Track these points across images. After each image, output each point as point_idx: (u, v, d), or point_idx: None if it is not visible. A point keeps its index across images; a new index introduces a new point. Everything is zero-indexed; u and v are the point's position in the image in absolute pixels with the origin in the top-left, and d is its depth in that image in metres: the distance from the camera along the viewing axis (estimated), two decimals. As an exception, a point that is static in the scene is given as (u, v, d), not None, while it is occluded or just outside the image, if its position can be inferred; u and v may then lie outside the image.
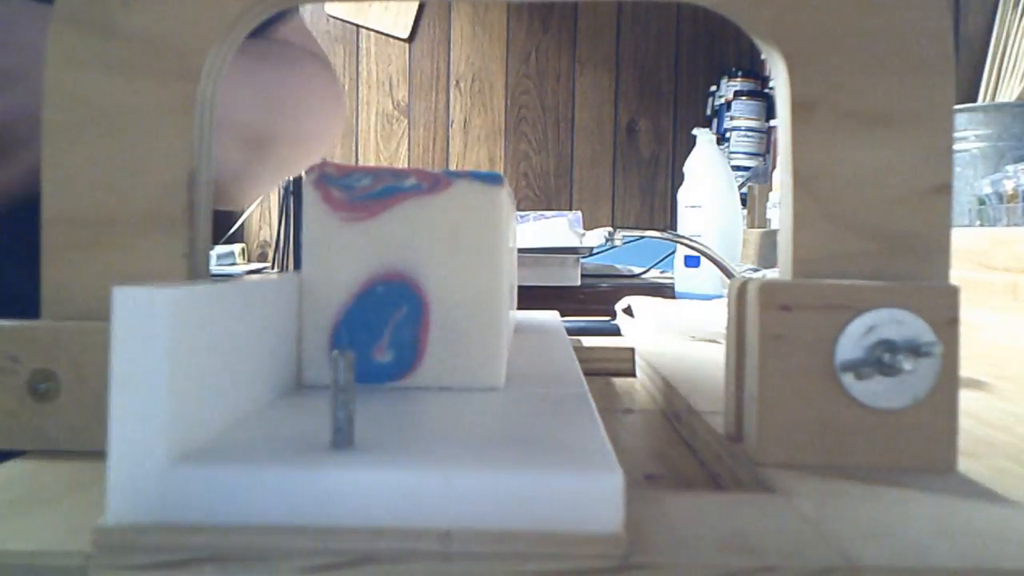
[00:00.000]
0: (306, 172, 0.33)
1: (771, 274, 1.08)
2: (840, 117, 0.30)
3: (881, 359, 0.28)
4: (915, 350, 0.28)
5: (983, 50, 1.24)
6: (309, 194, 0.33)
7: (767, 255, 1.52)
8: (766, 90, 2.04)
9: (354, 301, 0.33)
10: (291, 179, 1.93)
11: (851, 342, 0.29)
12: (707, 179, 1.25)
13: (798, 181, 0.31)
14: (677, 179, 2.00)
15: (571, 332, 0.67)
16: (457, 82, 2.39)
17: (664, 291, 1.22)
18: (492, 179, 0.33)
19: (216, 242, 2.16)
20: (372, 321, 0.33)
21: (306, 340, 0.33)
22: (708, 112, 2.33)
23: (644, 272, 1.51)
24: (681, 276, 1.21)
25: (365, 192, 0.33)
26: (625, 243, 1.14)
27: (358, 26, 2.37)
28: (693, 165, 1.27)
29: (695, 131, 1.29)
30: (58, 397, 0.30)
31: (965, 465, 0.29)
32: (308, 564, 0.20)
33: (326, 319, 0.33)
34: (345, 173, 0.33)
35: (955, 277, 0.30)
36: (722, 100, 2.18)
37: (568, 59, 2.39)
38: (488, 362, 0.33)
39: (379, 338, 0.33)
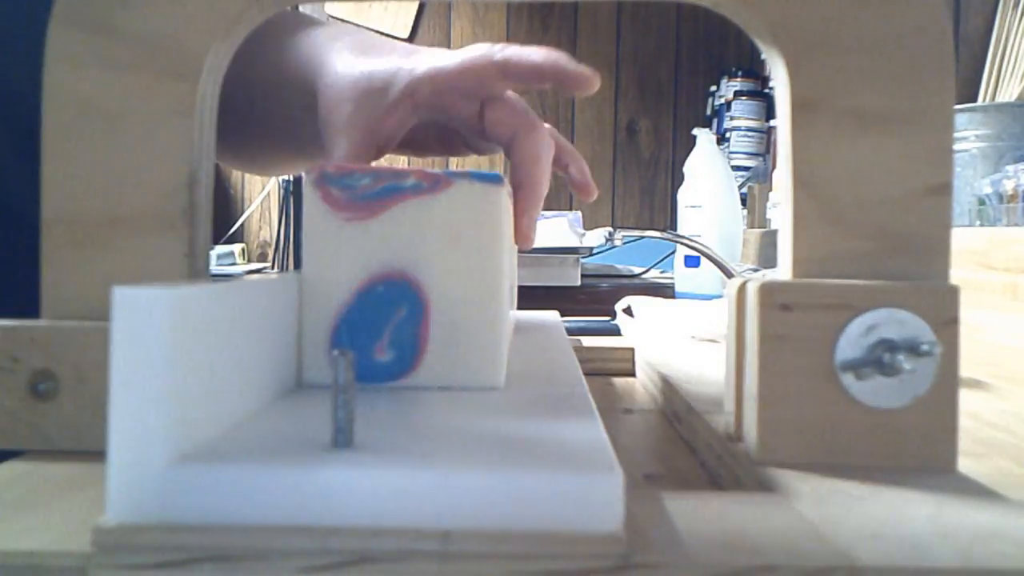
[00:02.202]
0: (306, 172, 0.33)
1: (771, 274, 1.08)
2: (840, 117, 0.30)
3: (881, 359, 0.28)
4: (915, 350, 0.28)
5: (983, 50, 1.24)
6: (309, 194, 0.33)
7: (767, 255, 1.52)
8: (766, 90, 2.04)
9: (354, 300, 0.33)
10: (291, 179, 1.93)
11: (851, 342, 0.29)
12: (707, 179, 1.25)
13: (798, 181, 0.31)
14: (677, 179, 2.00)
15: (571, 332, 0.67)
16: (457, 82, 2.39)
17: (664, 291, 1.22)
18: (492, 179, 0.33)
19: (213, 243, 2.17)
20: (372, 320, 0.33)
21: (306, 339, 0.33)
22: (708, 112, 2.33)
23: (644, 272, 1.51)
24: (681, 276, 1.21)
25: (365, 192, 0.33)
26: (625, 243, 1.14)
27: (358, 26, 2.37)
28: (693, 165, 1.27)
29: (695, 131, 1.29)
30: (58, 397, 0.30)
31: (965, 465, 0.29)
32: (308, 564, 0.20)
33: (326, 318, 0.33)
34: (345, 173, 0.33)
35: (955, 277, 0.30)
36: (722, 100, 2.18)
37: (568, 59, 2.39)
38: (488, 362, 0.33)
39: (379, 337, 0.33)
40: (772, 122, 1.98)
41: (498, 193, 0.34)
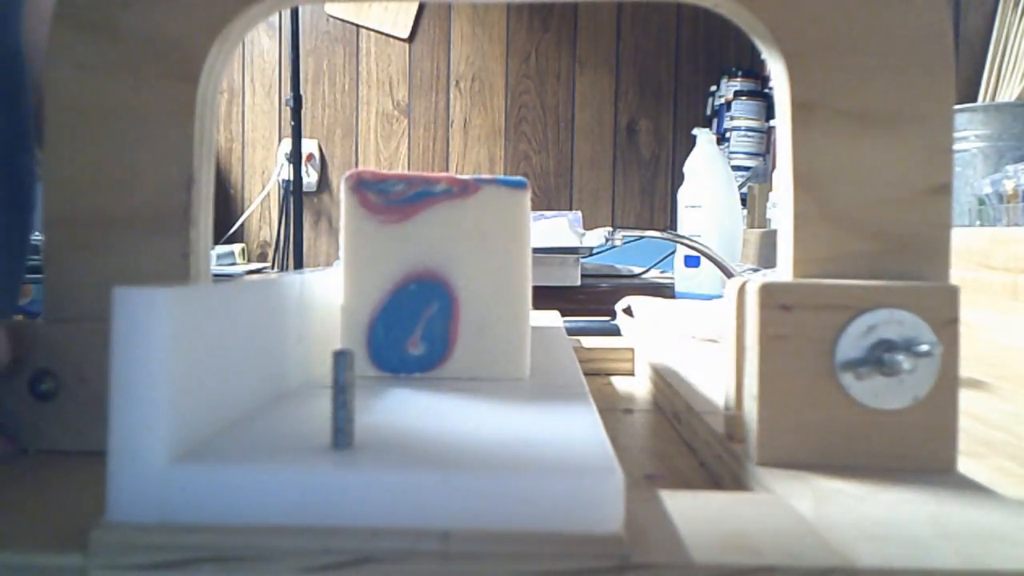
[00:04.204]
0: (344, 178, 0.35)
1: (771, 274, 1.08)
2: (840, 117, 0.30)
3: (881, 359, 0.28)
4: (915, 350, 0.28)
5: (983, 50, 1.24)
6: (348, 198, 0.35)
7: (767, 255, 1.52)
8: (766, 90, 2.04)
9: (389, 298, 0.35)
10: (290, 179, 1.93)
11: (851, 342, 0.29)
12: (707, 179, 1.25)
13: (798, 181, 0.31)
14: (677, 179, 2.00)
15: (571, 332, 0.67)
16: (457, 82, 2.39)
17: (664, 291, 1.22)
18: (518, 184, 0.36)
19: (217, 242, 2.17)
20: (406, 316, 0.35)
21: (344, 334, 0.35)
22: (708, 112, 2.33)
23: (644, 272, 1.51)
24: (681, 276, 1.20)
25: (399, 197, 0.35)
26: (625, 243, 1.14)
27: (358, 26, 2.37)
28: (693, 165, 1.27)
29: (695, 131, 1.29)
30: (58, 397, 0.30)
31: (965, 465, 0.29)
32: (308, 564, 0.20)
33: (363, 314, 0.35)
34: (380, 179, 0.35)
35: (955, 277, 0.30)
36: (722, 100, 2.17)
37: (568, 59, 2.39)
38: (514, 355, 0.35)
39: (412, 332, 0.35)
40: (772, 122, 1.98)
41: (524, 197, 0.36)
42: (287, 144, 2.16)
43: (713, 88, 2.29)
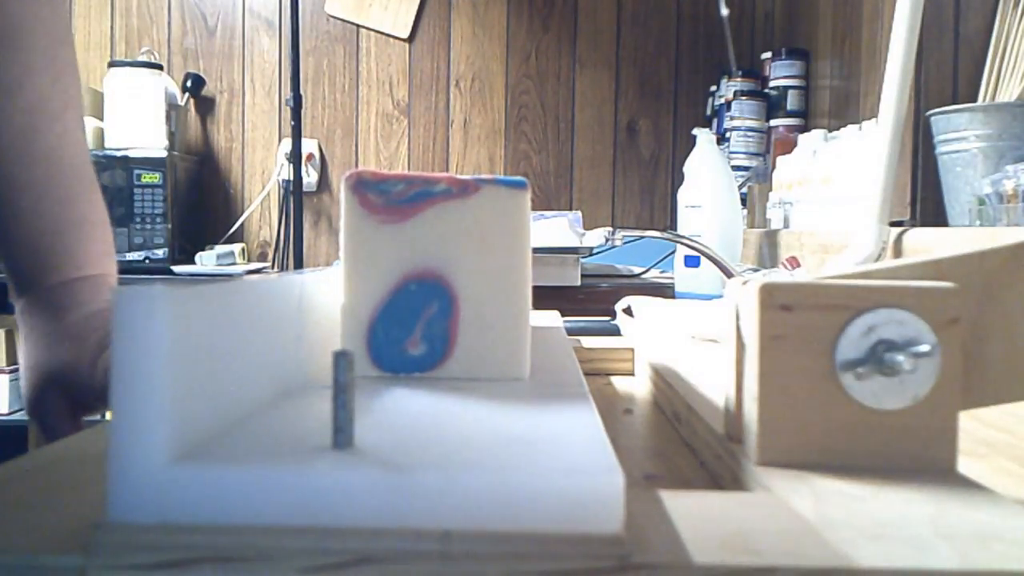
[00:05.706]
0: (344, 178, 0.35)
1: (771, 274, 1.08)
2: None
3: (881, 359, 0.28)
4: (915, 350, 0.28)
5: (983, 50, 1.24)
6: (348, 198, 0.35)
7: (767, 255, 1.52)
8: (766, 90, 2.03)
9: (389, 297, 0.35)
10: (290, 179, 1.93)
11: (851, 342, 0.29)
12: (707, 179, 1.25)
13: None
14: (677, 179, 1.99)
15: (571, 332, 0.67)
16: (457, 82, 2.39)
17: (664, 291, 1.22)
18: (518, 184, 0.36)
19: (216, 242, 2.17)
20: (406, 316, 0.35)
21: (344, 334, 0.35)
22: (708, 112, 2.33)
23: (644, 272, 1.51)
24: (681, 276, 1.20)
25: (399, 197, 0.35)
26: (625, 243, 1.14)
27: (358, 26, 2.37)
28: (693, 165, 1.27)
29: (695, 131, 1.29)
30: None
31: (965, 465, 0.29)
32: (308, 564, 0.20)
33: (363, 314, 0.35)
34: (381, 179, 0.35)
35: (955, 277, 0.30)
36: (722, 100, 2.17)
37: (568, 59, 2.39)
38: (514, 355, 0.35)
39: (412, 332, 0.35)
40: (772, 122, 1.98)
41: (524, 197, 0.36)
42: (287, 144, 2.16)
43: (713, 88, 2.29)
